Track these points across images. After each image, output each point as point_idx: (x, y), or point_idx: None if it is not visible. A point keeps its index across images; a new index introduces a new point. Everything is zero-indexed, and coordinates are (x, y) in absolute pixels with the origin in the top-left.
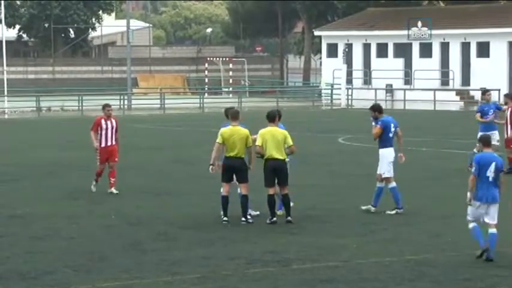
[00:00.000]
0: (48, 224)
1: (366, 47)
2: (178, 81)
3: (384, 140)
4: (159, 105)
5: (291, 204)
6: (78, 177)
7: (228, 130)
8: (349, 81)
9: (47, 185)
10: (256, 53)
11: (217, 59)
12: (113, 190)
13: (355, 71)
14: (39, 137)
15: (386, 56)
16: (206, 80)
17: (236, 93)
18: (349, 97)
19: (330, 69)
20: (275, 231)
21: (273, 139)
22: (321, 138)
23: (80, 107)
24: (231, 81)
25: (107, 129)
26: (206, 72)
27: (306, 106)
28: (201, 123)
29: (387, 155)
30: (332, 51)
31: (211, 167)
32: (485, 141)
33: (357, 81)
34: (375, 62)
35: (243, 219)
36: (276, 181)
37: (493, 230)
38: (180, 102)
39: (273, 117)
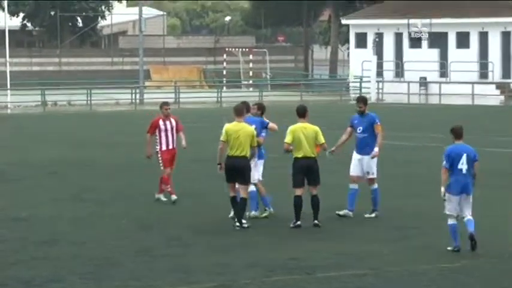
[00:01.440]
0: (53, 227)
1: (398, 37)
2: (194, 73)
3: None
4: (173, 99)
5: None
6: (85, 177)
7: (233, 126)
8: (379, 73)
9: (51, 185)
10: (278, 43)
11: (237, 49)
12: (174, 197)
13: (386, 63)
14: (44, 133)
15: (420, 46)
16: (224, 72)
17: (257, 86)
18: (380, 91)
19: (359, 61)
20: (299, 235)
21: (305, 136)
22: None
23: (89, 101)
24: (251, 73)
25: (166, 130)
26: (224, 63)
27: (333, 100)
28: (218, 119)
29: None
30: (361, 41)
31: (219, 166)
32: (457, 133)
33: (388, 74)
34: (408, 52)
35: (237, 224)
36: (306, 181)
37: (469, 217)
38: (196, 96)
39: (303, 112)
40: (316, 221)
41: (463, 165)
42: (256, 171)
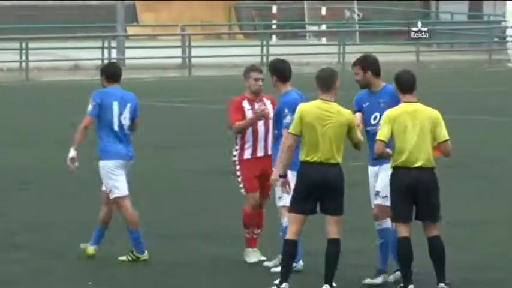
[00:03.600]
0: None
1: None
2: (218, 12)
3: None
4: (179, 60)
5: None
6: (66, 192)
7: (313, 107)
8: None
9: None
10: None
11: None
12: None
13: None
14: None
15: None
16: (274, 10)
17: (335, 35)
18: None
19: None
20: None
21: (416, 127)
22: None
23: (24, 64)
24: (323, 12)
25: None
26: None
27: (476, 61)
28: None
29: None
30: None
31: (282, 180)
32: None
33: None
34: None
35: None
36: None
37: None
38: (223, 53)
39: (410, 83)
40: (442, 285)
41: None
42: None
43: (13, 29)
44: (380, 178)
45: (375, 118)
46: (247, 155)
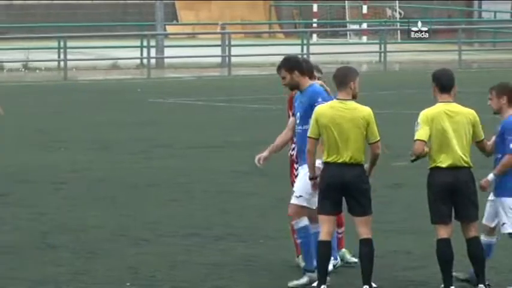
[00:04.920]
0: None
1: None
2: (258, 10)
3: None
4: (219, 59)
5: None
6: (101, 194)
7: (328, 108)
8: None
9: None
10: None
11: None
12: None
13: None
14: None
15: None
16: (315, 9)
17: (375, 34)
18: None
19: None
20: None
21: (454, 128)
22: None
23: (62, 63)
24: (364, 10)
25: None
26: None
27: None
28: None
29: None
30: None
31: (311, 182)
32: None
33: None
34: None
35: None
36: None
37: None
38: (263, 52)
39: (449, 82)
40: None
41: None
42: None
43: (51, 28)
44: (298, 178)
45: (298, 118)
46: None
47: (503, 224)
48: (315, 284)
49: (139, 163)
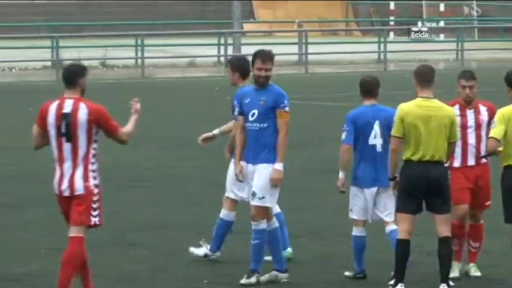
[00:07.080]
0: None
1: None
2: (335, 9)
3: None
4: (296, 57)
5: None
6: (177, 192)
7: (414, 107)
8: None
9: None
10: None
11: None
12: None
13: None
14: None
15: None
16: (392, 7)
17: (453, 32)
18: None
19: None
20: None
21: None
22: None
23: (139, 61)
24: (442, 8)
25: (465, 125)
26: None
27: None
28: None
29: None
30: None
31: (392, 183)
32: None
33: None
34: None
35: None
36: None
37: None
38: (340, 50)
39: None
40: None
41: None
42: None
43: (129, 26)
44: (257, 177)
45: (252, 115)
46: (458, 163)
47: None
48: (392, 282)
49: (220, 161)
